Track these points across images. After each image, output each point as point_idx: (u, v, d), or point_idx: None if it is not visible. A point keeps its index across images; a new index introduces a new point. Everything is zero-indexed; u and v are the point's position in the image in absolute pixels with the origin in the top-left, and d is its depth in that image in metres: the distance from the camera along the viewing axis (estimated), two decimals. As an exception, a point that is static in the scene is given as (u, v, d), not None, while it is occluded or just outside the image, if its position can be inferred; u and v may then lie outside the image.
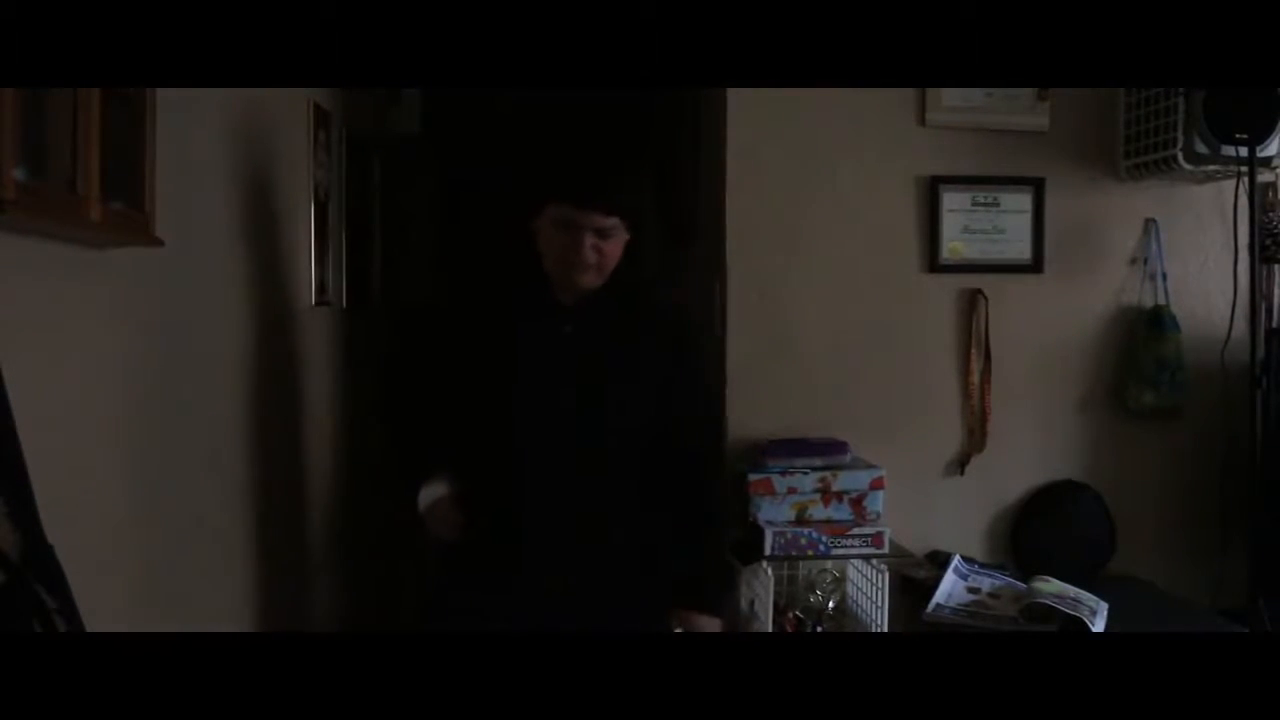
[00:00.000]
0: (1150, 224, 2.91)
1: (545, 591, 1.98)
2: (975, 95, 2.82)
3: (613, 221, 1.97)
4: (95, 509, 1.52)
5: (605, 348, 2.04)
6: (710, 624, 2.07)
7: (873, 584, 2.51)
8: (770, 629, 2.45)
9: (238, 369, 2.19)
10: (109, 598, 1.47)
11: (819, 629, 2.53)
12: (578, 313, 2.04)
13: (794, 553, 2.48)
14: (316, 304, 2.84)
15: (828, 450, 2.59)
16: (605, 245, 1.98)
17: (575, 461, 2.01)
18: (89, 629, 1.21)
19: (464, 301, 2.18)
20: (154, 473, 1.74)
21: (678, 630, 2.03)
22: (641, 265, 2.13)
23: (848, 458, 2.59)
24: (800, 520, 2.49)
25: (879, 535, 2.47)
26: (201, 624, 1.93)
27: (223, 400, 2.10)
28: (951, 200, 2.84)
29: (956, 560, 2.62)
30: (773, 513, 2.49)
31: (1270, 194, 2.84)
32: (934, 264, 2.85)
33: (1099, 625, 2.33)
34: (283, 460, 2.50)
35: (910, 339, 2.86)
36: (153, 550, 1.74)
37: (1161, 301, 2.89)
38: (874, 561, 2.50)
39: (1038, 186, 2.87)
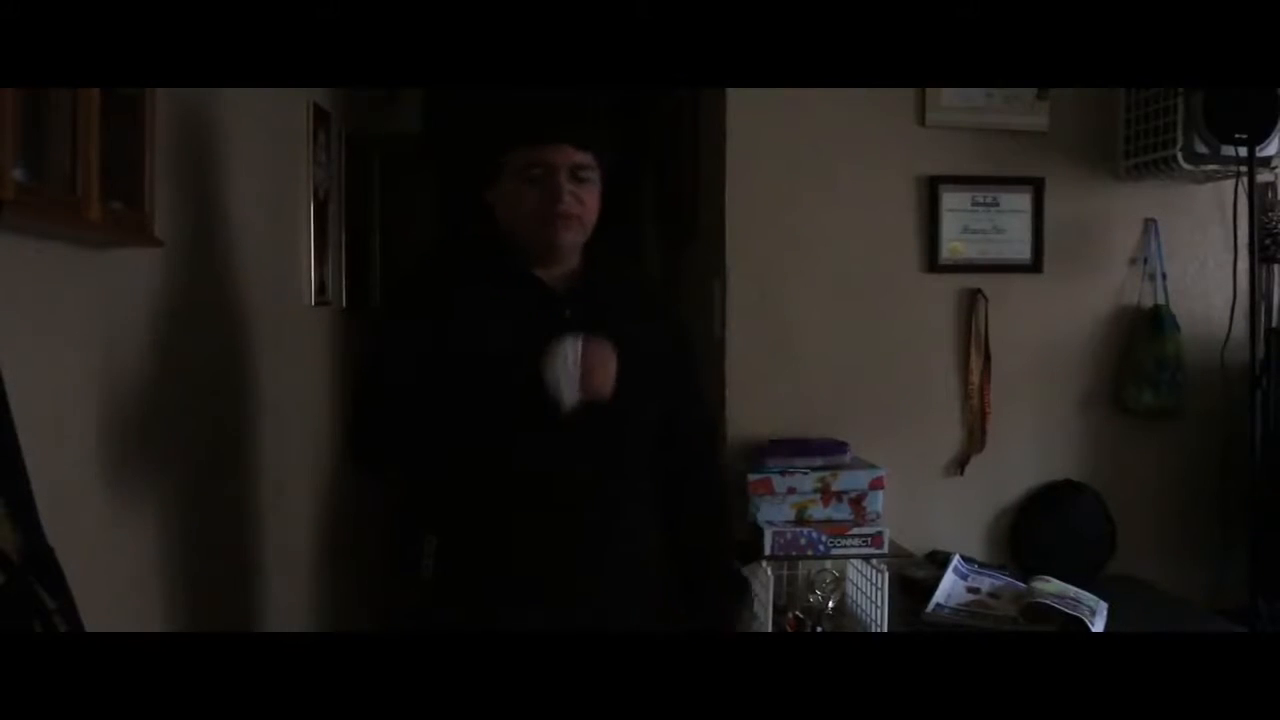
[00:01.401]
0: (1150, 224, 2.91)
1: (553, 600, 1.79)
2: (975, 95, 2.82)
3: (587, 158, 1.76)
4: (95, 509, 1.52)
5: (611, 331, 1.75)
6: None
7: (873, 584, 2.51)
8: (770, 629, 2.44)
9: (237, 369, 2.19)
10: (109, 598, 1.47)
11: (819, 629, 2.53)
12: (573, 294, 1.81)
13: (794, 553, 2.47)
14: (316, 304, 2.84)
15: (828, 450, 2.59)
16: (583, 192, 1.76)
17: (596, 464, 1.79)
18: (89, 629, 1.21)
19: (435, 305, 1.77)
20: (153, 473, 1.74)
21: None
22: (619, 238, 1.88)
23: (848, 458, 2.59)
24: (800, 520, 2.48)
25: (879, 535, 2.47)
26: (201, 624, 1.93)
27: (222, 400, 2.10)
28: (951, 200, 2.84)
29: (956, 560, 2.62)
30: (772, 513, 2.49)
31: (1270, 194, 2.83)
32: (934, 264, 2.85)
33: (1099, 625, 2.33)
34: (281, 461, 2.50)
35: (910, 339, 2.86)
36: (152, 550, 1.75)
37: (1161, 301, 2.89)
38: (874, 561, 2.49)
39: (1038, 186, 2.87)
